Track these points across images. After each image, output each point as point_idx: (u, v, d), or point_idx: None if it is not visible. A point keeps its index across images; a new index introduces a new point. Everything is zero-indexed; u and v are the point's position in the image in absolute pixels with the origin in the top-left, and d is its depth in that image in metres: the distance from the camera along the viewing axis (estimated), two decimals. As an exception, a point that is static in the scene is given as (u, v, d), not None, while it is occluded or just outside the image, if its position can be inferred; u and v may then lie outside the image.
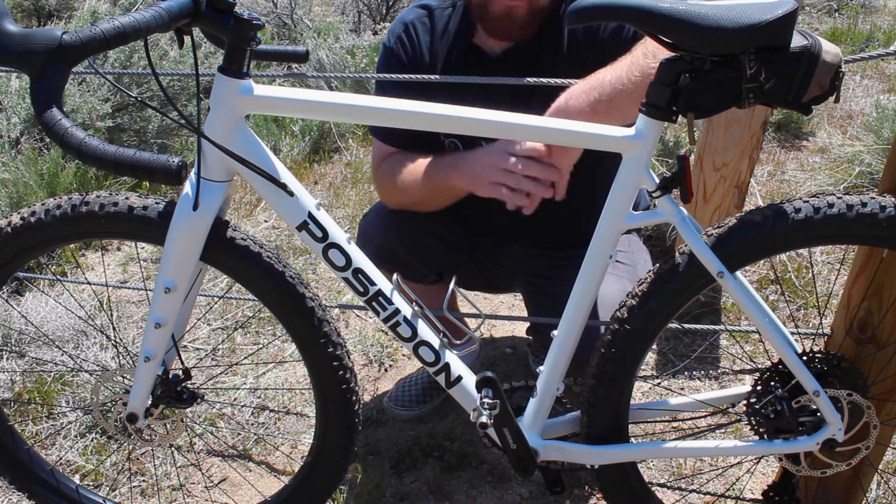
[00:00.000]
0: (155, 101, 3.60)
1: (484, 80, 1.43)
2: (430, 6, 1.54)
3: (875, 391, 1.29)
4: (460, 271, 1.73)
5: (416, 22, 1.54)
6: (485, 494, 1.70)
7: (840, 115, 3.90)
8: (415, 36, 1.53)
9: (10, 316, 2.20)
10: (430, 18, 1.53)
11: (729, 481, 1.72)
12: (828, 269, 2.53)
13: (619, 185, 1.11)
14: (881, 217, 1.06)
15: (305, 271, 2.68)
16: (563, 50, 1.43)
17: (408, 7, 1.59)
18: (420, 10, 1.55)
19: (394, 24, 1.56)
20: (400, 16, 1.57)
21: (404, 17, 1.56)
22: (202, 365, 2.16)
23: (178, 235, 1.14)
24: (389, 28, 1.58)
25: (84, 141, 0.88)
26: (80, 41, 0.90)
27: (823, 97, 1.02)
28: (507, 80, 1.42)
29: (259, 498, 1.64)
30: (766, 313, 1.15)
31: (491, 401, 1.23)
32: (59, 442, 1.84)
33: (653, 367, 2.14)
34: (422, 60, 1.53)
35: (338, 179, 3.49)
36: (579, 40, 1.43)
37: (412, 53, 1.53)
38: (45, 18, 6.21)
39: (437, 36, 1.53)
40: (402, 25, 1.55)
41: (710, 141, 2.04)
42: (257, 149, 1.12)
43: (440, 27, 1.52)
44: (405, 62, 1.53)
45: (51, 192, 2.74)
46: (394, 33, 1.55)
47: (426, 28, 1.53)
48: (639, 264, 1.61)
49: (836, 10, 6.09)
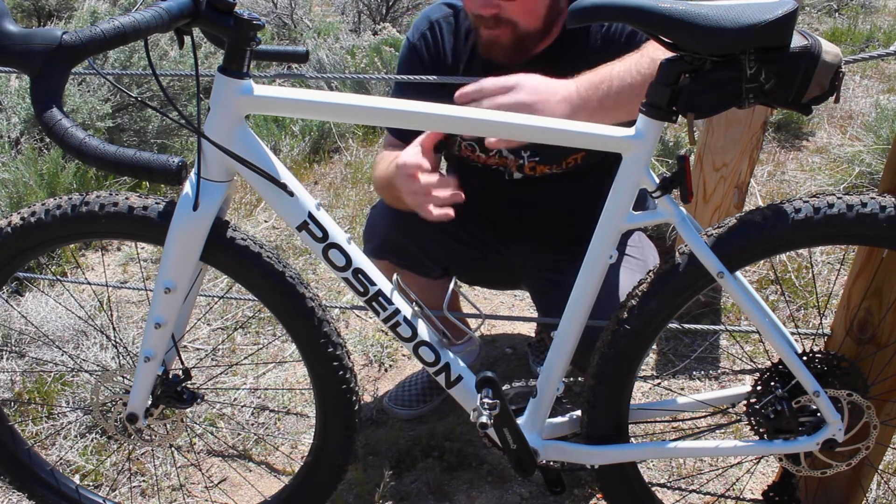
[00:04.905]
0: (155, 101, 3.60)
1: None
2: (456, 6, 1.53)
3: (875, 391, 1.29)
4: (467, 266, 1.73)
5: (442, 21, 1.53)
6: (485, 494, 1.70)
7: (840, 115, 3.90)
8: (439, 35, 1.52)
9: (10, 316, 2.20)
10: (456, 18, 1.53)
11: (729, 481, 1.72)
12: (828, 269, 2.53)
13: (618, 185, 1.11)
14: (881, 217, 1.06)
15: (305, 271, 2.68)
16: (584, 58, 1.43)
17: (433, 4, 1.58)
18: (447, 8, 1.54)
19: (419, 20, 1.55)
20: (425, 12, 1.56)
21: (430, 15, 1.55)
22: (202, 365, 2.15)
23: (178, 235, 1.14)
24: (414, 23, 1.57)
25: (84, 141, 0.88)
26: (80, 41, 0.90)
27: (823, 97, 1.02)
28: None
29: (259, 498, 1.64)
30: (766, 313, 1.15)
31: (491, 401, 1.23)
32: (59, 442, 1.84)
33: (653, 367, 2.14)
34: (444, 60, 1.52)
35: (338, 179, 3.49)
36: (598, 48, 1.42)
37: (435, 52, 1.53)
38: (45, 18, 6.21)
39: (461, 37, 1.52)
40: (427, 22, 1.54)
41: (710, 141, 2.04)
42: (257, 149, 1.12)
43: (464, 28, 1.52)
44: (426, 60, 1.53)
45: (51, 192, 2.74)
46: (418, 29, 1.54)
47: (451, 28, 1.52)
48: (649, 259, 1.61)
49: (836, 10, 6.09)
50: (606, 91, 1.21)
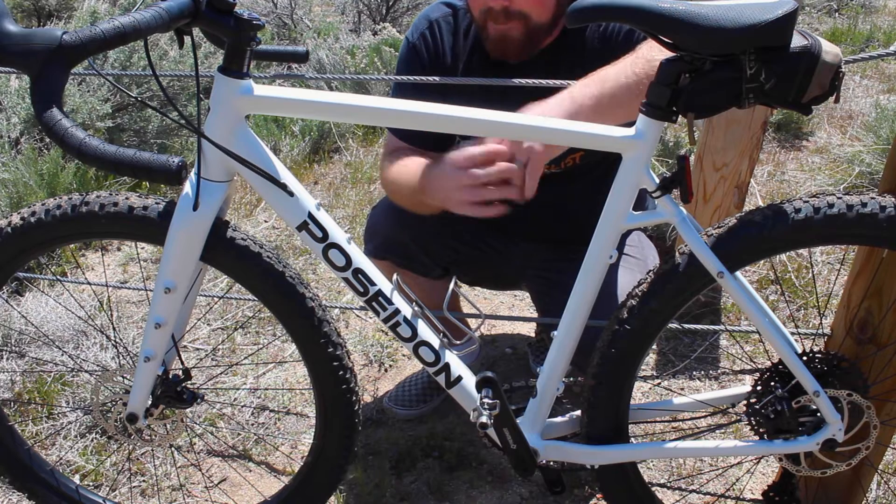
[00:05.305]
0: (155, 101, 3.60)
1: (488, 81, 1.43)
2: (455, 5, 1.53)
3: (875, 391, 1.29)
4: (467, 266, 1.73)
5: (441, 21, 1.53)
6: (485, 494, 1.70)
7: (840, 115, 3.90)
8: (438, 35, 1.52)
9: (10, 316, 2.20)
10: (455, 18, 1.52)
11: (729, 481, 1.72)
12: (828, 269, 2.53)
13: (619, 185, 1.11)
14: (881, 217, 1.06)
15: (305, 271, 2.68)
16: (582, 57, 1.43)
17: (432, 4, 1.57)
18: (446, 7, 1.54)
19: (418, 20, 1.55)
20: (424, 11, 1.56)
21: (429, 14, 1.54)
22: (202, 365, 2.15)
23: (178, 235, 1.14)
24: (413, 23, 1.56)
25: (84, 141, 0.88)
26: (80, 41, 0.90)
27: (823, 97, 1.02)
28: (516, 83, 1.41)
29: (259, 498, 1.64)
30: (766, 313, 1.15)
31: (491, 401, 1.23)
32: (59, 442, 1.84)
33: (653, 367, 2.14)
34: (443, 60, 1.52)
35: (338, 179, 3.49)
36: (596, 48, 1.42)
37: (434, 52, 1.52)
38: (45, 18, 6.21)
39: (460, 37, 1.52)
40: (426, 22, 1.53)
41: (710, 141, 2.04)
42: (257, 149, 1.12)
43: (463, 28, 1.51)
44: (426, 60, 1.52)
45: (51, 192, 2.74)
46: (418, 29, 1.54)
47: (450, 28, 1.52)
48: (648, 258, 1.61)
49: (836, 10, 6.09)
50: (601, 91, 1.21)
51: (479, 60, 1.49)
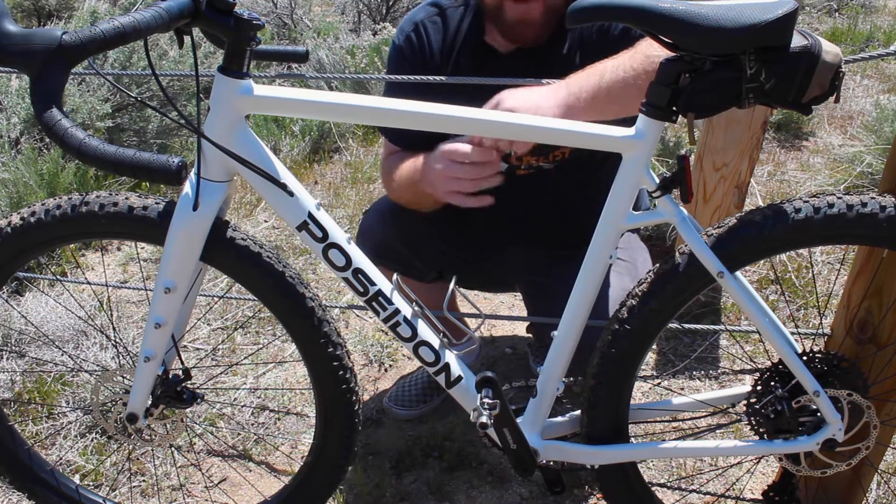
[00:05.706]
0: (155, 101, 3.60)
1: (484, 80, 1.43)
2: (442, 4, 1.53)
3: (875, 391, 1.29)
4: (460, 270, 1.73)
5: (427, 21, 1.52)
6: (485, 494, 1.70)
7: (840, 115, 3.89)
8: (424, 35, 1.52)
9: (10, 316, 2.20)
10: (442, 17, 1.52)
11: (729, 481, 1.72)
12: (828, 269, 2.53)
13: (619, 185, 1.11)
14: (881, 217, 1.06)
15: (305, 271, 2.68)
16: (574, 50, 1.43)
17: (419, 5, 1.57)
18: (431, 7, 1.53)
19: (404, 22, 1.55)
20: (410, 13, 1.56)
21: (415, 16, 1.54)
22: (202, 365, 2.15)
23: (178, 235, 1.14)
24: (399, 26, 1.56)
25: (84, 141, 0.88)
26: (80, 41, 0.90)
27: (823, 97, 1.02)
28: (512, 81, 1.41)
29: (259, 498, 1.64)
30: (766, 313, 1.15)
31: (491, 401, 1.23)
32: (59, 442, 1.84)
33: (653, 367, 2.14)
34: (430, 60, 1.52)
35: (338, 179, 3.49)
36: (592, 41, 1.42)
37: (421, 54, 1.52)
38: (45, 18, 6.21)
39: (448, 35, 1.51)
40: (412, 24, 1.53)
41: (710, 141, 2.04)
42: (257, 149, 1.12)
43: (452, 26, 1.51)
44: (413, 61, 1.52)
45: (51, 192, 2.74)
46: (403, 31, 1.54)
47: (437, 27, 1.52)
48: (638, 261, 1.61)
49: (836, 10, 6.08)
50: (597, 84, 1.21)
51: (467, 58, 1.49)
